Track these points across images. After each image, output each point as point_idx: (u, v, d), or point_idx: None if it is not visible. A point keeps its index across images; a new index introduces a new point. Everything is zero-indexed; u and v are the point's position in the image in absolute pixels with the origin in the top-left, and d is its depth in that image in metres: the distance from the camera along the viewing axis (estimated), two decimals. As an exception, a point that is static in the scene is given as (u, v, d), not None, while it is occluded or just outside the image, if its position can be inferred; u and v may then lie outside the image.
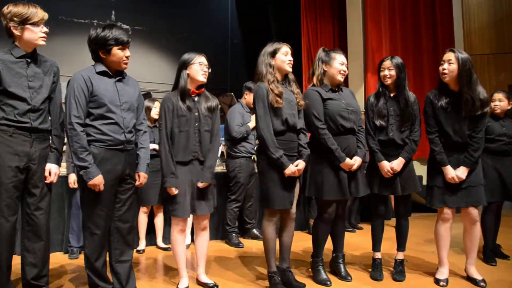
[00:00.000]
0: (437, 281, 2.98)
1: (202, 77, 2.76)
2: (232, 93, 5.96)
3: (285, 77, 2.89)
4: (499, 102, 3.61)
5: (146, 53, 9.13)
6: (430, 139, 3.00)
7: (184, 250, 2.85)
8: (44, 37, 2.45)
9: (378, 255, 3.19)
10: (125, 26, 9.18)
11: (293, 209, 2.89)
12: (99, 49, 2.46)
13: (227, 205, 4.28)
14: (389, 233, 3.44)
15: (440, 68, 2.95)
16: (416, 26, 7.17)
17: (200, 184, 2.74)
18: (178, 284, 2.83)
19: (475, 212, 2.93)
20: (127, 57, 2.51)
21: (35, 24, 2.40)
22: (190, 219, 4.01)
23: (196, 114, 2.76)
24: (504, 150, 3.54)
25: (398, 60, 3.05)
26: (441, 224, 2.99)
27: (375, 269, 3.16)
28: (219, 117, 2.93)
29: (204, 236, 2.91)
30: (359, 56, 7.11)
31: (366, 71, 7.01)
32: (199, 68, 2.76)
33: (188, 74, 2.77)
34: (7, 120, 2.35)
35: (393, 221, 3.34)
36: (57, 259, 3.52)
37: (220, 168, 4.88)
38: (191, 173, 2.73)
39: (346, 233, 3.46)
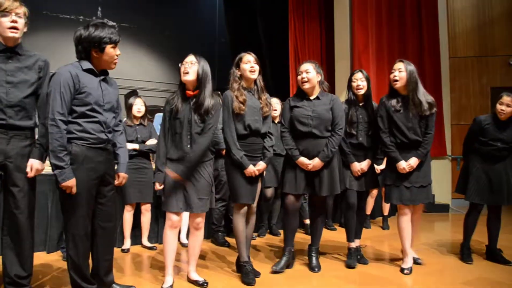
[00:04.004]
0: (402, 270, 3.29)
1: (183, 76, 2.81)
2: (219, 92, 6.00)
3: (254, 84, 3.12)
4: (507, 108, 3.46)
5: (133, 51, 9.07)
6: (383, 139, 3.33)
7: (173, 248, 2.87)
8: (12, 27, 2.33)
9: (352, 244, 3.51)
10: (111, 23, 9.08)
11: (254, 204, 3.13)
12: (92, 47, 2.41)
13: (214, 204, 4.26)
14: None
15: (391, 75, 3.32)
16: (402, 28, 7.27)
17: (171, 174, 2.76)
18: (162, 284, 2.83)
19: (422, 207, 3.50)
20: (117, 56, 2.50)
21: (2, 14, 2.32)
22: (186, 220, 4.01)
23: (189, 117, 2.79)
24: (494, 155, 3.52)
25: (367, 74, 3.48)
26: (402, 218, 3.34)
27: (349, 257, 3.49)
28: (217, 115, 2.88)
29: (197, 236, 2.95)
30: (346, 56, 7.17)
31: (352, 71, 7.04)
32: (182, 68, 2.81)
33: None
34: None
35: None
36: (40, 258, 3.48)
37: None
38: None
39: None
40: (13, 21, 2.33)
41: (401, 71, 3.24)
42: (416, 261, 3.47)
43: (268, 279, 3.09)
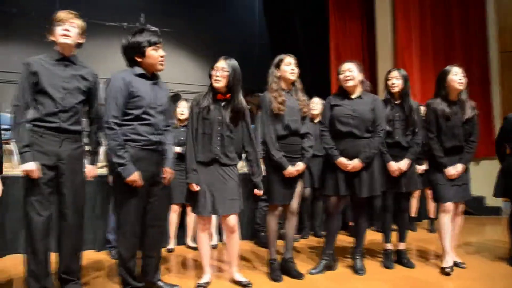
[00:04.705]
0: (442, 270, 3.24)
1: (213, 83, 2.83)
2: (260, 94, 6.01)
3: (293, 85, 3.13)
4: None
5: (175, 55, 9.26)
6: (433, 145, 3.31)
7: (207, 248, 2.95)
8: (64, 34, 2.49)
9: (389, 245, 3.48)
10: (153, 28, 9.34)
11: (293, 204, 3.13)
12: (135, 53, 2.55)
13: (257, 205, 4.30)
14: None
15: (456, 78, 3.25)
16: (448, 24, 7.00)
17: (259, 193, 2.95)
18: (199, 280, 2.92)
19: (463, 206, 3.45)
20: (162, 57, 2.60)
21: (57, 24, 2.50)
22: (214, 219, 4.06)
23: (220, 118, 2.82)
24: None
25: (404, 72, 3.42)
26: (443, 217, 3.27)
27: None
28: (248, 124, 2.96)
29: (234, 238, 2.96)
30: (388, 55, 7.01)
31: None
32: (212, 73, 2.84)
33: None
34: (39, 120, 2.45)
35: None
36: (89, 257, 3.61)
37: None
38: (212, 174, 2.81)
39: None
40: (65, 29, 2.49)
41: (465, 76, 3.25)
42: (458, 265, 3.38)
43: (311, 281, 3.07)
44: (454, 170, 3.23)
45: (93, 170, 2.67)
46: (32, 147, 2.42)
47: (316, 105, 4.45)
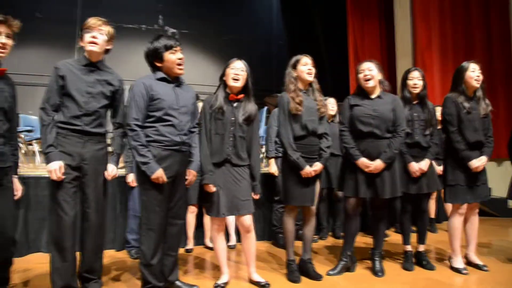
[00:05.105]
0: (458, 271, 3.27)
1: (232, 82, 2.86)
2: (278, 94, 6.07)
3: (310, 86, 3.12)
4: None
5: (193, 56, 9.32)
6: (455, 138, 3.23)
7: (223, 248, 2.97)
8: (91, 42, 2.56)
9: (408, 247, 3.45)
10: (172, 30, 9.45)
11: (313, 205, 3.10)
12: (154, 59, 2.66)
13: (273, 206, 4.30)
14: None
15: (474, 75, 3.23)
16: (468, 23, 6.90)
17: (255, 197, 2.93)
18: (217, 280, 2.94)
19: (477, 205, 3.39)
20: (180, 59, 2.67)
21: (86, 31, 2.57)
22: (231, 219, 4.09)
23: (233, 119, 2.85)
24: None
25: (423, 72, 3.40)
26: (457, 218, 3.30)
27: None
28: (257, 126, 3.03)
29: (250, 238, 2.96)
30: (408, 54, 6.95)
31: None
32: (231, 72, 2.87)
33: (224, 80, 2.92)
34: (64, 123, 2.52)
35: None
36: (109, 256, 3.66)
37: (264, 169, 4.89)
38: (224, 175, 2.83)
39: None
40: (93, 37, 2.56)
41: (481, 73, 3.24)
42: (481, 268, 3.33)
43: (330, 282, 3.05)
44: (479, 162, 3.18)
45: (114, 170, 2.72)
46: (56, 148, 2.48)
47: (331, 105, 4.44)
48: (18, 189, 2.64)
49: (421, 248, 3.45)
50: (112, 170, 2.69)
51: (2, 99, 2.43)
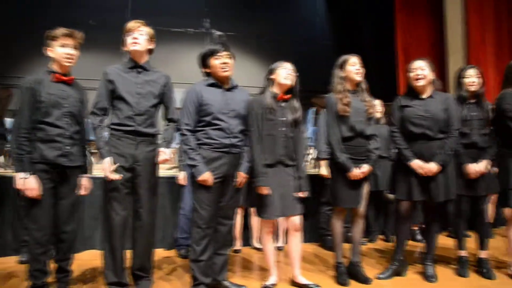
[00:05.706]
0: None
1: (284, 80, 2.86)
2: (326, 95, 6.03)
3: (358, 86, 3.07)
4: None
5: (239, 58, 9.34)
6: None
7: (272, 250, 2.99)
8: (133, 43, 2.66)
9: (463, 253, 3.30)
10: (218, 33, 9.59)
11: (361, 207, 3.06)
12: (203, 66, 2.80)
13: (320, 208, 4.26)
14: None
15: None
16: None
17: (301, 195, 2.91)
18: (266, 281, 2.96)
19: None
20: (223, 64, 2.73)
21: (127, 34, 2.68)
22: (280, 221, 4.06)
23: (284, 119, 2.85)
24: None
25: (479, 69, 3.24)
26: None
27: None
28: (304, 125, 3.07)
29: (296, 238, 2.96)
30: (459, 50, 6.67)
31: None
32: (283, 71, 2.88)
33: (273, 80, 2.91)
34: (117, 125, 2.63)
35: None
36: (159, 255, 3.75)
37: (312, 170, 4.86)
38: (277, 176, 2.83)
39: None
40: (134, 38, 2.66)
41: None
42: None
43: (379, 286, 3.00)
44: None
45: (166, 153, 2.72)
46: (109, 147, 2.60)
47: (377, 107, 4.35)
48: (86, 187, 2.77)
49: (483, 254, 3.27)
50: (164, 153, 2.70)
51: (71, 104, 2.59)
